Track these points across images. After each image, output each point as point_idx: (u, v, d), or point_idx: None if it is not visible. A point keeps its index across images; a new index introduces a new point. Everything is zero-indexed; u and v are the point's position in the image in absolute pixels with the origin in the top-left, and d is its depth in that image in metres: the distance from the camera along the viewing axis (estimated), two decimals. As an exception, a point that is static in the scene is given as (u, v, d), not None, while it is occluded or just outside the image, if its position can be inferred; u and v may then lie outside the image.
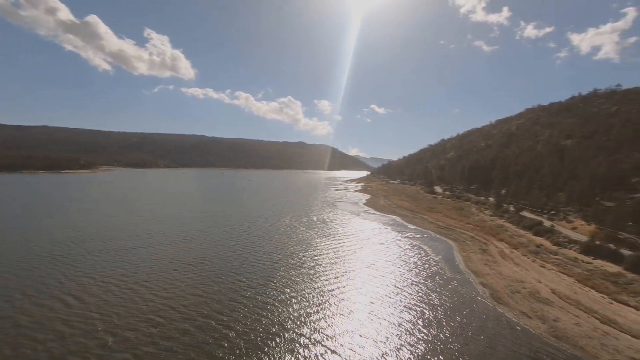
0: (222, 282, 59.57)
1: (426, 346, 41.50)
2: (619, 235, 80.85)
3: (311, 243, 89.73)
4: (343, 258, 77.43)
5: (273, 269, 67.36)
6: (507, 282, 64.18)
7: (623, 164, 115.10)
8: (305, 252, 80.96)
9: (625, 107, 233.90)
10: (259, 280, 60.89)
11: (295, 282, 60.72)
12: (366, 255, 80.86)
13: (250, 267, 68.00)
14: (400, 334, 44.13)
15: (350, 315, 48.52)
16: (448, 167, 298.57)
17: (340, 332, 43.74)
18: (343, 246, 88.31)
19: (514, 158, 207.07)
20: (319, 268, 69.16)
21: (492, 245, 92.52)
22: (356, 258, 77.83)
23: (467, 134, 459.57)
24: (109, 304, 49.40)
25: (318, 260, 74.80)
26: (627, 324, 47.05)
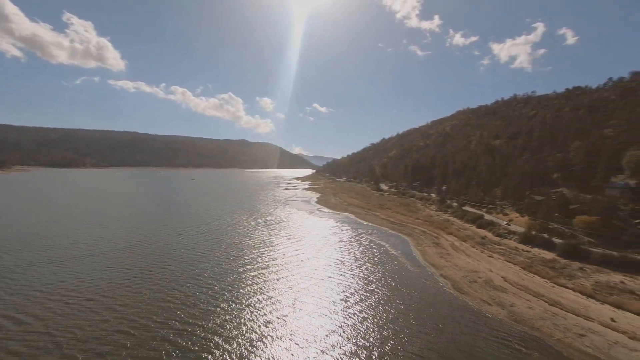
0: (189, 289, 56.03)
1: (404, 336, 43.17)
2: (549, 226, 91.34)
3: (272, 244, 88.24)
4: (308, 257, 77.34)
5: (240, 272, 65.03)
6: (464, 273, 69.18)
7: (546, 162, 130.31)
8: (268, 253, 79.39)
9: (541, 112, 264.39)
10: (229, 286, 58.40)
11: (267, 285, 59.24)
12: (330, 253, 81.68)
13: (214, 272, 64.88)
14: (379, 326, 45.34)
15: (329, 313, 48.66)
16: (391, 165, 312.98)
17: (322, 329, 43.66)
18: (305, 245, 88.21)
19: (452, 157, 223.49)
20: (286, 268, 68.28)
21: (443, 239, 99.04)
22: (321, 256, 78.25)
23: (406, 134, 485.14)
24: (70, 318, 44.01)
25: (283, 260, 73.83)
26: (569, 304, 53.44)
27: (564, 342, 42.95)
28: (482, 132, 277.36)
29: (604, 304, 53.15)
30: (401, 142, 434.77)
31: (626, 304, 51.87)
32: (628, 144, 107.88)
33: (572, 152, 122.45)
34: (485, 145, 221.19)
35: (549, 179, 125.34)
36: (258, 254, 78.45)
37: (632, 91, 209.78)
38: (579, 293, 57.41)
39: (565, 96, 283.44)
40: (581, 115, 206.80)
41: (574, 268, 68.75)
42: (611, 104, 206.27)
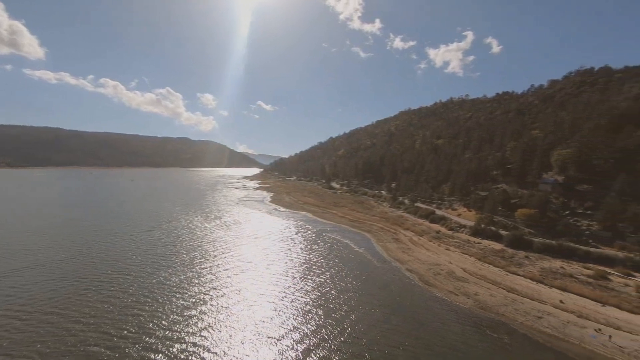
0: (157, 299, 52.13)
1: (385, 328, 44.68)
2: (494, 219, 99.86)
3: (235, 246, 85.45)
4: (277, 258, 76.22)
5: (208, 278, 61.98)
6: (427, 266, 73.06)
7: (487, 161, 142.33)
8: (232, 256, 76.75)
9: (476, 114, 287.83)
10: (198, 293, 55.40)
11: (240, 291, 57.20)
12: (298, 253, 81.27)
13: (181, 279, 61.07)
14: (359, 320, 46.27)
15: (309, 311, 48.46)
16: (341, 164, 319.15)
17: (304, 326, 43.37)
18: (270, 246, 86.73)
19: (399, 155, 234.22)
20: (257, 271, 66.58)
21: (402, 234, 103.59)
22: (289, 257, 77.56)
23: (353, 133, 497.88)
24: (26, 340, 38.38)
25: (251, 263, 71.92)
26: (523, 290, 59.06)
27: (526, 325, 47.41)
28: (425, 132, 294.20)
29: (552, 287, 59.63)
30: (349, 141, 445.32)
31: (569, 287, 58.70)
32: (555, 144, 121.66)
33: (509, 152, 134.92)
34: (430, 145, 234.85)
35: (489, 176, 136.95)
36: (222, 257, 75.45)
37: (551, 97, 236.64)
38: (529, 279, 63.71)
39: (496, 100, 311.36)
40: (511, 118, 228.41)
41: (520, 257, 76.02)
42: (535, 108, 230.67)
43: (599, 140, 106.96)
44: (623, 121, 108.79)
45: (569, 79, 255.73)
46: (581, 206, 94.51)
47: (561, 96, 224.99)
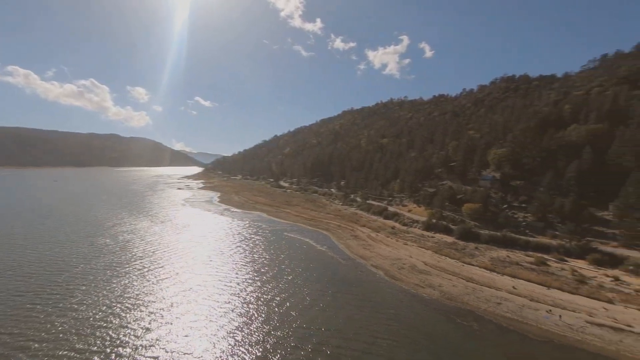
0: (105, 312, 47.18)
1: (364, 323, 45.62)
2: (443, 214, 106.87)
3: (191, 250, 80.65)
4: (240, 261, 73.53)
5: (166, 286, 57.71)
6: (390, 261, 75.84)
7: (432, 159, 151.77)
8: (190, 261, 72.38)
9: (416, 115, 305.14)
10: (159, 309, 51.34)
11: (201, 295, 54.12)
12: (262, 254, 79.28)
13: (136, 290, 56.02)
14: (335, 317, 46.61)
15: (286, 312, 47.56)
16: (288, 162, 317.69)
17: (283, 328, 42.53)
18: (230, 248, 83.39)
19: (347, 154, 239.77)
20: (219, 274, 63.57)
21: (359, 231, 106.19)
22: (253, 260, 75.29)
23: (298, 131, 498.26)
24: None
25: (212, 267, 68.54)
26: (480, 279, 64.08)
27: (489, 311, 51.52)
28: (369, 132, 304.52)
29: (503, 275, 65.50)
30: (294, 139, 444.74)
31: (518, 274, 64.99)
32: (490, 144, 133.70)
33: (451, 151, 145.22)
34: (376, 144, 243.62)
35: (434, 174, 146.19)
36: (179, 264, 70.81)
37: (481, 100, 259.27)
38: (483, 269, 69.28)
39: (433, 102, 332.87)
40: (447, 119, 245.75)
41: (471, 248, 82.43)
42: (468, 110, 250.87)
43: (528, 141, 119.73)
44: (546, 124, 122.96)
45: (496, 85, 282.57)
46: (516, 200, 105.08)
47: (490, 100, 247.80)
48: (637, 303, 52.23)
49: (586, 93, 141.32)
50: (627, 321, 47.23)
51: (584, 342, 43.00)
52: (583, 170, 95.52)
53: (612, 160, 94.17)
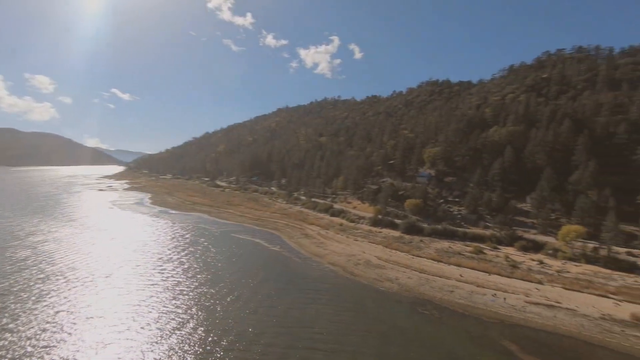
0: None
1: (331, 319, 46.27)
2: (387, 209, 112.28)
3: (133, 260, 73.33)
4: (193, 268, 68.87)
5: (104, 299, 51.88)
6: (345, 258, 77.50)
7: (372, 157, 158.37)
8: (135, 271, 65.96)
9: (351, 114, 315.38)
10: (93, 327, 46.01)
11: (152, 306, 49.82)
12: (214, 258, 75.29)
13: (69, 309, 49.38)
14: (303, 316, 46.51)
15: (253, 315, 45.99)
16: (223, 160, 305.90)
17: (255, 330, 41.23)
18: (179, 255, 77.59)
19: (287, 152, 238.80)
20: (180, 284, 59.01)
21: (309, 229, 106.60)
22: (206, 265, 71.12)
23: (232, 128, 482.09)
24: None
25: (161, 275, 63.32)
26: (431, 270, 68.78)
27: (445, 300, 55.60)
28: (307, 130, 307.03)
29: (450, 265, 71.15)
30: (228, 136, 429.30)
31: (462, 263, 71.14)
32: (425, 143, 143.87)
33: (390, 149, 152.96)
34: (315, 142, 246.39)
35: (375, 171, 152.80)
36: (120, 274, 64.15)
37: (411, 102, 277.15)
38: (431, 260, 74.46)
39: (366, 102, 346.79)
40: (381, 119, 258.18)
41: (417, 241, 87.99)
42: (399, 111, 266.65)
43: (457, 140, 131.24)
44: (472, 126, 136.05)
45: (422, 88, 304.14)
46: (451, 195, 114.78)
47: (419, 102, 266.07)
48: (560, 282, 60.72)
49: (502, 99, 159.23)
50: (556, 298, 54.68)
51: (527, 320, 48.74)
52: (505, 167, 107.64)
53: (527, 158, 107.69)
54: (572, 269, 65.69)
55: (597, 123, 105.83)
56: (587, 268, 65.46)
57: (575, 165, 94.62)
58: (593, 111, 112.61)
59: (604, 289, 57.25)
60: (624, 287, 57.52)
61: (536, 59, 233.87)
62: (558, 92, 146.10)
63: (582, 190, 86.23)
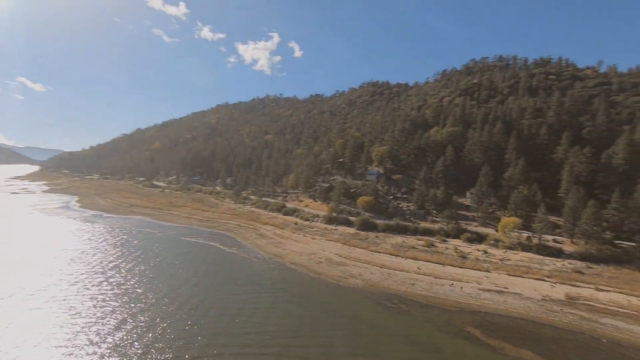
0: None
1: (303, 319, 46.33)
2: (341, 207, 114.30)
3: (74, 273, 65.49)
4: (147, 277, 63.46)
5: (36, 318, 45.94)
6: (306, 257, 77.36)
7: (321, 155, 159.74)
8: (82, 284, 59.08)
9: (296, 112, 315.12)
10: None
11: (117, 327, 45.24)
12: (171, 263, 70.17)
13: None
14: (274, 318, 45.84)
15: (223, 320, 43.97)
16: (160, 159, 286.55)
17: (226, 334, 39.62)
18: (130, 262, 70.88)
19: (231, 149, 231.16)
20: (132, 296, 53.92)
21: (263, 229, 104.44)
22: (162, 272, 65.98)
23: (167, 125, 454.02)
24: None
25: (111, 289, 57.57)
26: (391, 264, 71.59)
27: (408, 292, 58.30)
28: (250, 127, 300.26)
29: (407, 258, 74.70)
30: (163, 133, 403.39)
31: (418, 256, 75.13)
32: (373, 142, 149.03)
33: (339, 148, 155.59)
34: (260, 140, 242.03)
35: (324, 169, 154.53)
36: (65, 288, 57.14)
37: (354, 102, 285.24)
38: (389, 254, 77.52)
39: (310, 101, 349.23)
40: (326, 118, 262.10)
41: (372, 237, 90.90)
42: (343, 110, 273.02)
43: (403, 140, 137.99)
44: (415, 126, 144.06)
45: (364, 88, 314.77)
46: (399, 191, 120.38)
47: (361, 102, 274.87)
48: (504, 269, 67.16)
49: (440, 101, 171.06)
50: (503, 284, 60.38)
51: (484, 306, 53.13)
52: (447, 165, 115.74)
53: (466, 157, 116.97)
54: (512, 257, 72.98)
55: (523, 125, 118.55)
56: (524, 255, 73.22)
57: (507, 163, 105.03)
58: (518, 115, 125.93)
59: (540, 273, 64.58)
60: (555, 271, 65.45)
61: (465, 65, 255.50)
62: (488, 96, 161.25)
63: (514, 186, 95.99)
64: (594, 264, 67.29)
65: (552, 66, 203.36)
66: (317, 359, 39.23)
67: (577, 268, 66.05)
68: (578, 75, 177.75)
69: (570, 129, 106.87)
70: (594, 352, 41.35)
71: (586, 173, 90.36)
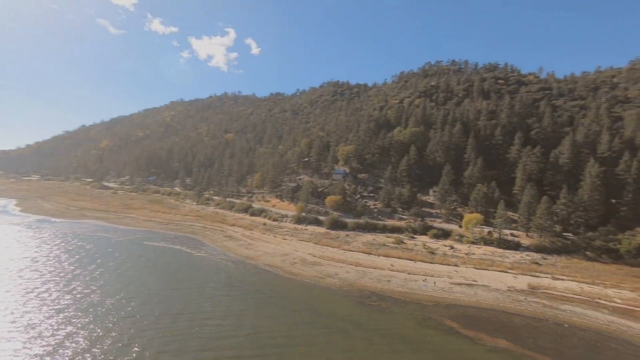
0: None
1: (286, 321, 45.84)
2: (309, 206, 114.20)
3: (22, 284, 59.44)
4: (117, 284, 59.10)
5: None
6: (280, 258, 76.39)
7: (287, 155, 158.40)
8: (26, 295, 53.71)
9: (256, 110, 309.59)
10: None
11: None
12: (138, 273, 65.83)
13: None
14: (260, 322, 45.06)
15: (207, 329, 42.24)
16: (110, 158, 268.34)
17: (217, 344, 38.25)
18: (91, 270, 65.46)
19: (190, 148, 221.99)
20: (88, 307, 49.93)
21: (231, 231, 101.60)
22: (131, 282, 61.77)
23: (116, 122, 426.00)
24: None
25: (75, 300, 53.03)
26: (364, 262, 72.83)
27: (385, 289, 59.66)
28: (209, 125, 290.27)
29: (379, 256, 76.40)
30: (112, 131, 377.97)
31: (389, 253, 77.13)
32: (338, 141, 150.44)
33: (305, 147, 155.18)
34: (220, 139, 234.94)
35: (290, 168, 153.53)
36: (18, 304, 51.66)
37: (315, 101, 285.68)
38: (362, 253, 78.80)
39: (271, 99, 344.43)
40: (288, 117, 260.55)
41: (343, 236, 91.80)
42: (305, 109, 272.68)
43: (368, 140, 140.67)
44: (379, 126, 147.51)
45: (325, 88, 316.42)
46: (366, 190, 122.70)
47: (323, 101, 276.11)
48: (471, 263, 71.02)
49: (400, 102, 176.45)
50: (472, 277, 63.82)
51: (457, 299, 55.76)
52: (411, 164, 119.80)
53: (429, 156, 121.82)
54: (476, 251, 77.28)
55: (479, 126, 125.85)
56: (487, 249, 77.86)
57: (467, 162, 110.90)
58: (474, 116, 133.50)
59: (503, 265, 69.07)
60: (515, 263, 70.34)
61: (421, 68, 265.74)
62: (445, 98, 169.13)
63: (474, 184, 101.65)
64: (548, 255, 73.21)
65: (500, 71, 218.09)
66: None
67: (534, 259, 71.46)
68: (523, 81, 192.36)
69: (520, 130, 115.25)
70: (559, 337, 45.00)
71: (537, 171, 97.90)
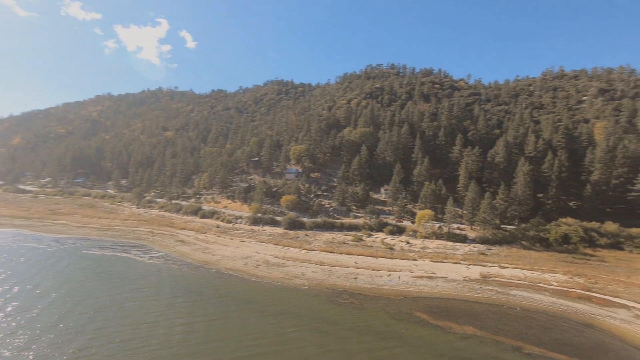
0: None
1: (266, 325, 44.93)
2: (263, 207, 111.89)
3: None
4: (63, 304, 52.09)
5: None
6: (241, 262, 73.86)
7: (236, 154, 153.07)
8: None
9: (197, 107, 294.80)
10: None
11: None
12: (80, 284, 58.72)
13: None
14: (230, 331, 43.41)
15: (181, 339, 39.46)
16: (23, 158, 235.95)
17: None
18: (21, 288, 56.87)
19: (124, 147, 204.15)
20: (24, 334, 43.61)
21: (182, 235, 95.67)
22: (81, 295, 54.92)
23: (28, 116, 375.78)
24: None
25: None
26: (329, 261, 73.32)
27: (353, 287, 60.84)
28: (144, 122, 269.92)
29: (342, 254, 77.58)
30: (24, 126, 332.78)
31: (351, 251, 78.76)
32: (289, 140, 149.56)
33: (255, 146, 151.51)
34: (159, 137, 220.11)
35: (239, 168, 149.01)
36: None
37: (260, 99, 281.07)
38: (324, 252, 79.33)
39: (212, 96, 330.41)
40: (232, 114, 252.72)
41: (302, 236, 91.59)
42: (250, 107, 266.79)
43: (319, 139, 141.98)
44: (329, 126, 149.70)
45: (269, 86, 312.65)
46: (319, 189, 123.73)
47: (268, 100, 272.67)
48: (427, 257, 75.31)
49: (348, 102, 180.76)
50: (431, 270, 67.80)
51: (421, 291, 58.85)
52: (362, 164, 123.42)
53: (379, 155, 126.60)
54: (430, 245, 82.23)
55: (423, 128, 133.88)
56: (439, 243, 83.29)
57: (415, 161, 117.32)
58: (418, 118, 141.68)
59: (455, 257, 74.41)
60: (466, 254, 76.24)
61: (364, 70, 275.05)
62: (390, 100, 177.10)
63: (422, 182, 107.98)
64: (492, 246, 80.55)
65: (435, 76, 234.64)
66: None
67: (481, 250, 78.15)
68: (455, 86, 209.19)
69: (459, 131, 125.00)
70: (515, 320, 49.79)
71: (477, 170, 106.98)
